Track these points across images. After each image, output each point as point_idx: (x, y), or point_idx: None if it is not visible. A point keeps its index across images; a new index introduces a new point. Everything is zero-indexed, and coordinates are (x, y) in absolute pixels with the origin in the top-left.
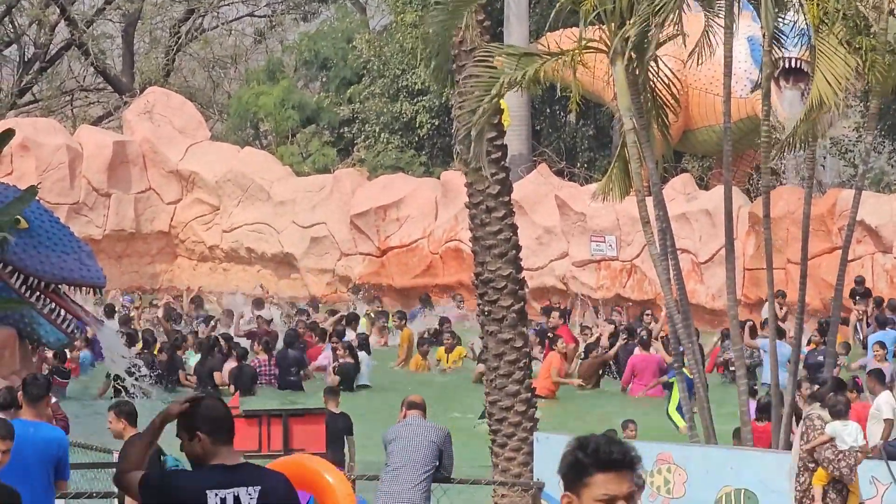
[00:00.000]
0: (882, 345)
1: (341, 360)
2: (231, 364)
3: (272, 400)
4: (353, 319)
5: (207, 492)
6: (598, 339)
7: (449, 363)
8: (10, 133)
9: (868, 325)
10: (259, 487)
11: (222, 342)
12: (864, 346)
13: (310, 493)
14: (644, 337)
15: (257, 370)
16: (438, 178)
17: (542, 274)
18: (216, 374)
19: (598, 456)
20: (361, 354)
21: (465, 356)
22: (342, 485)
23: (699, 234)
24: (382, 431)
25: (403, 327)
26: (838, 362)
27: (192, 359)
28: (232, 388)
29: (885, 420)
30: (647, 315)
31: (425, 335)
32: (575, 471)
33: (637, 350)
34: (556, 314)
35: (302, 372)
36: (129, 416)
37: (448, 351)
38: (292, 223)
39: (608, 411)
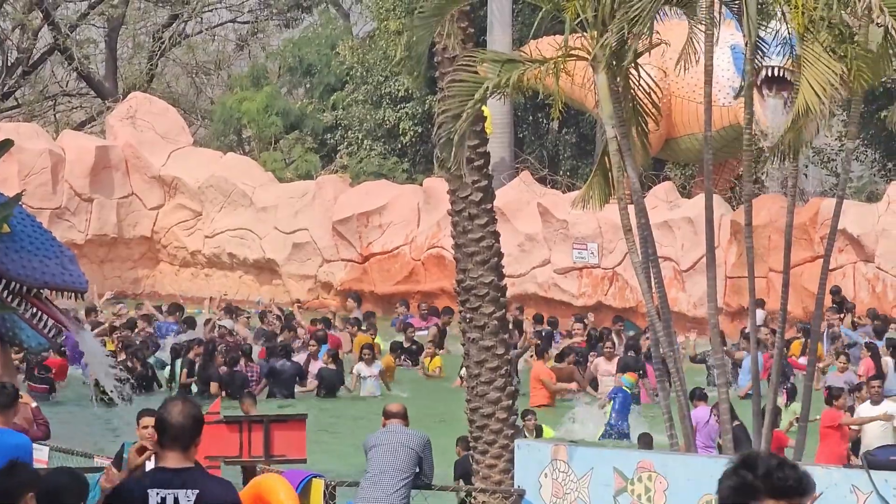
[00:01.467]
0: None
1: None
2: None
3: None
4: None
5: (149, 490)
6: (572, 343)
7: (430, 370)
8: (8, 142)
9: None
10: (197, 491)
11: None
12: (838, 356)
13: None
14: (608, 348)
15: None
16: (421, 184)
17: (524, 281)
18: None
19: (772, 482)
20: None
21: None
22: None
23: (681, 241)
24: (363, 439)
25: (375, 334)
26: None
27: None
28: (224, 393)
29: None
30: (619, 324)
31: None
32: (741, 494)
33: (602, 360)
34: (578, 326)
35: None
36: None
37: (430, 357)
38: (274, 229)
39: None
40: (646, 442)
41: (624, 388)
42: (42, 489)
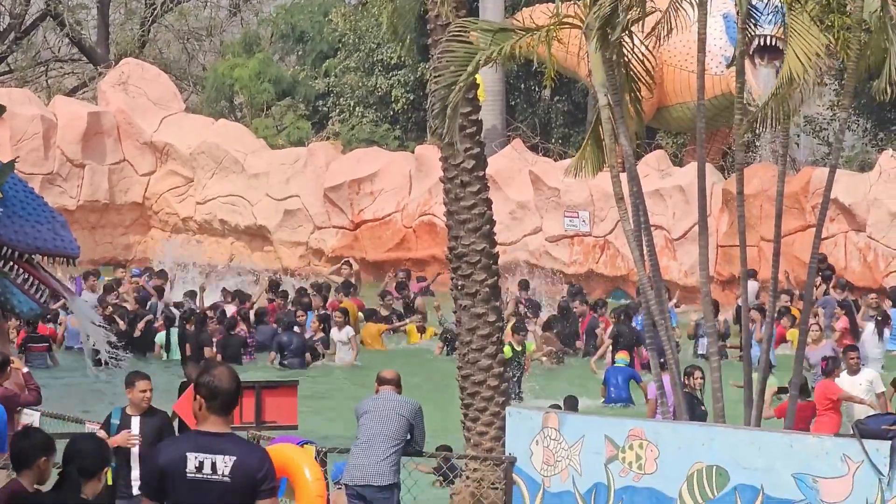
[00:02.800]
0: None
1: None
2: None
3: (262, 372)
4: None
5: (188, 454)
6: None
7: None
8: (1, 109)
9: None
10: (234, 458)
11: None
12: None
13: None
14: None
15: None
16: (413, 152)
17: (515, 249)
18: (206, 349)
19: None
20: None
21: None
22: (317, 480)
23: (672, 210)
24: (355, 405)
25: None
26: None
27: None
28: (220, 357)
29: (878, 394)
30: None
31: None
32: None
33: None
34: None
35: (308, 353)
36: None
37: (420, 331)
38: (266, 196)
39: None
40: (571, 405)
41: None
42: (67, 455)
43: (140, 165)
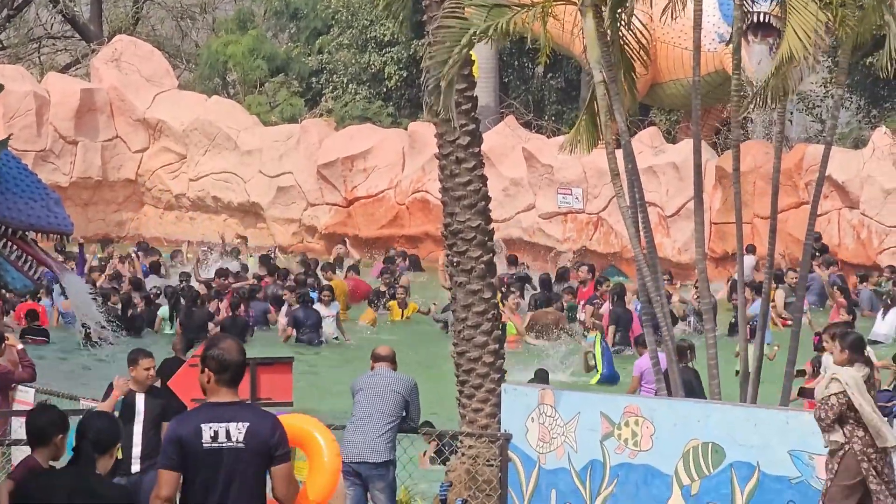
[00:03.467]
0: None
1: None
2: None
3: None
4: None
5: (202, 425)
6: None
7: (402, 318)
8: None
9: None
10: (247, 424)
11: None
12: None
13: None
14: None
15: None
16: (406, 129)
17: (509, 226)
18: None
19: None
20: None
21: (419, 311)
22: (331, 445)
23: (666, 187)
24: (351, 381)
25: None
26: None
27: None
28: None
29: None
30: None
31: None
32: None
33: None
34: (584, 269)
35: (320, 330)
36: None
37: (402, 306)
38: (259, 172)
39: None
40: (542, 377)
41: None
42: (81, 431)
43: (133, 142)
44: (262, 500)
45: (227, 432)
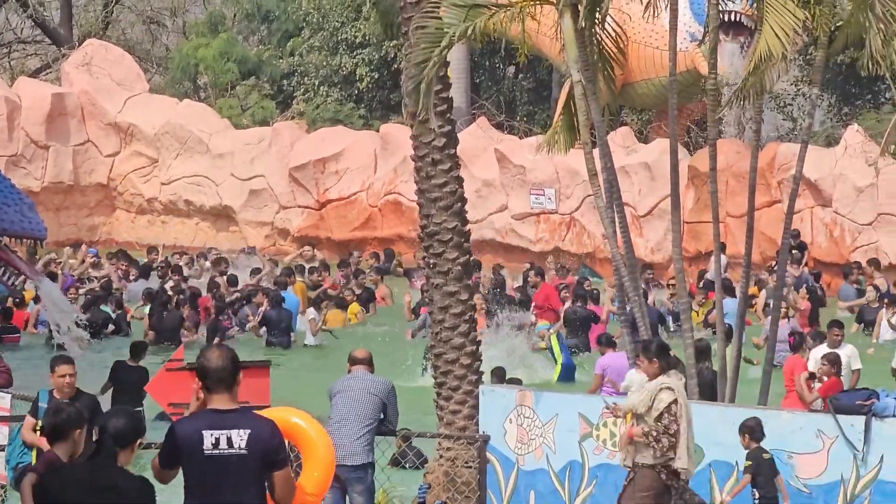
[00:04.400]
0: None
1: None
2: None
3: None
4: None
5: (203, 432)
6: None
7: (354, 320)
8: None
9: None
10: (249, 431)
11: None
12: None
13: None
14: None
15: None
16: (378, 131)
17: (482, 227)
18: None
19: None
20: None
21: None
22: (322, 437)
23: (638, 187)
24: (328, 385)
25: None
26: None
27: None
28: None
29: (854, 371)
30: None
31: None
32: None
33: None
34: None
35: (292, 332)
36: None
37: (341, 307)
38: (231, 176)
39: None
40: (499, 375)
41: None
42: (103, 428)
43: (104, 146)
44: (263, 502)
45: (229, 439)
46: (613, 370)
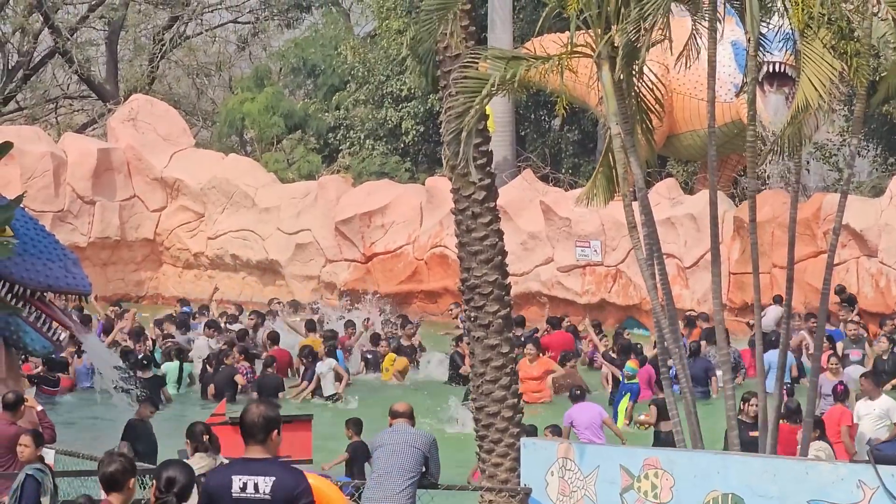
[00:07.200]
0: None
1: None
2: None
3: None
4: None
5: (233, 477)
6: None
7: (389, 373)
8: (8, 145)
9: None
10: (273, 479)
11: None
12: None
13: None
14: None
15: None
16: (423, 184)
17: (528, 279)
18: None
19: None
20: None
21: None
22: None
23: (684, 238)
24: (369, 439)
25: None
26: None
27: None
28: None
29: (894, 423)
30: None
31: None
32: None
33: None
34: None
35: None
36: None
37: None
38: (277, 230)
39: None
40: (529, 432)
41: (627, 380)
42: (161, 477)
43: (150, 201)
44: None
45: (256, 485)
46: (580, 422)
